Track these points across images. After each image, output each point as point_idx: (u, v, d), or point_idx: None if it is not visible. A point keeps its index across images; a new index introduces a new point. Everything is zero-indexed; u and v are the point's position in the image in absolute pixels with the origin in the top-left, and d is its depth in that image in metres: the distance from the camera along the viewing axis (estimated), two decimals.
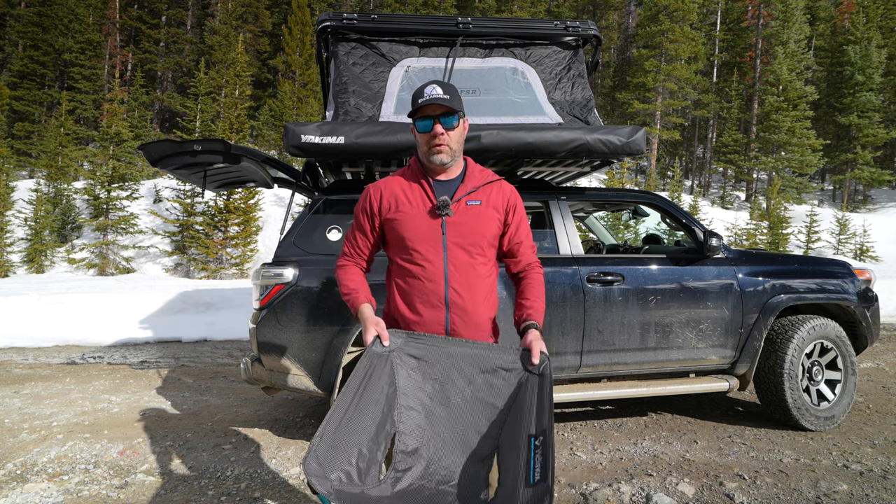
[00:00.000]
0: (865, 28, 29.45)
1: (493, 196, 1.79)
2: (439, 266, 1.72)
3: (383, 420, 1.61)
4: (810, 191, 27.15)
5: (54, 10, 26.38)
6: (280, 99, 23.40)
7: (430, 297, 1.72)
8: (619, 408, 4.21)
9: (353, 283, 1.80)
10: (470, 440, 1.65)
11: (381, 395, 1.61)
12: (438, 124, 1.70)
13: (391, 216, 1.76)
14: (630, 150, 3.38)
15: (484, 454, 1.64)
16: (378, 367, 1.61)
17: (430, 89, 1.70)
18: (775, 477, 2.97)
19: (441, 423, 1.66)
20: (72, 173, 19.77)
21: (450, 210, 1.72)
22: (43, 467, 3.07)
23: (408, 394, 1.66)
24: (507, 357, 1.66)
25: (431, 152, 1.72)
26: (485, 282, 1.78)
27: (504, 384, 1.66)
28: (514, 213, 1.83)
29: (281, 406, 4.30)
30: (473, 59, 3.70)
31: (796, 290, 3.73)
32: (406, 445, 1.63)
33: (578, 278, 3.44)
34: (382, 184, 1.82)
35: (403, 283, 1.76)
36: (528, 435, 1.52)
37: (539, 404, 1.57)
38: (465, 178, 1.79)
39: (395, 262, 1.80)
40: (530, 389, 1.61)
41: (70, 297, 7.84)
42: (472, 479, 1.61)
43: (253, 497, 2.75)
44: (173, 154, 3.29)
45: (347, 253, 1.87)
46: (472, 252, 1.74)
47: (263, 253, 15.40)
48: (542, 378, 1.61)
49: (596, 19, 34.63)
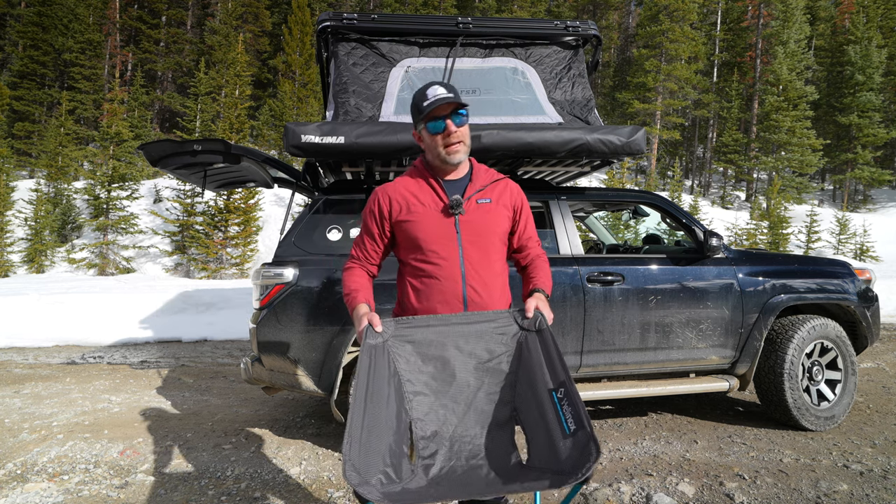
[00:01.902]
0: (866, 28, 29.44)
1: (502, 194, 1.82)
2: (456, 265, 1.73)
3: (399, 412, 1.62)
4: (810, 191, 27.15)
5: (54, 10, 26.37)
6: (280, 99, 23.39)
7: (448, 296, 1.73)
8: (619, 408, 4.21)
9: (354, 284, 1.80)
10: (485, 410, 1.66)
11: (389, 387, 1.62)
12: (451, 122, 1.70)
13: (403, 218, 1.77)
14: (630, 150, 3.38)
15: (503, 420, 1.66)
16: (378, 359, 1.61)
17: (432, 91, 1.70)
18: (775, 477, 2.97)
19: (452, 400, 1.67)
20: (72, 173, 19.77)
21: (462, 209, 1.73)
22: (43, 467, 3.07)
23: (412, 380, 1.67)
24: (500, 321, 1.68)
25: (448, 152, 1.73)
26: (499, 278, 1.80)
27: (504, 348, 1.68)
28: (522, 210, 1.87)
29: (281, 406, 4.30)
30: (473, 59, 3.70)
31: (796, 290, 3.73)
32: (425, 431, 1.64)
33: (578, 278, 3.44)
34: (390, 187, 1.82)
35: (419, 284, 1.76)
36: (549, 390, 1.54)
37: (548, 358, 1.58)
38: (472, 177, 1.81)
39: (408, 264, 1.80)
40: (534, 347, 1.63)
41: (70, 297, 7.84)
42: (499, 446, 1.63)
43: (253, 497, 2.75)
44: (173, 154, 3.29)
45: (355, 256, 1.87)
46: (487, 249, 1.76)
47: (263, 253, 15.40)
48: (542, 333, 1.63)
49: (596, 19, 34.64)
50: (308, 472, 3.06)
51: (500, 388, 1.67)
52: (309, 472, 3.06)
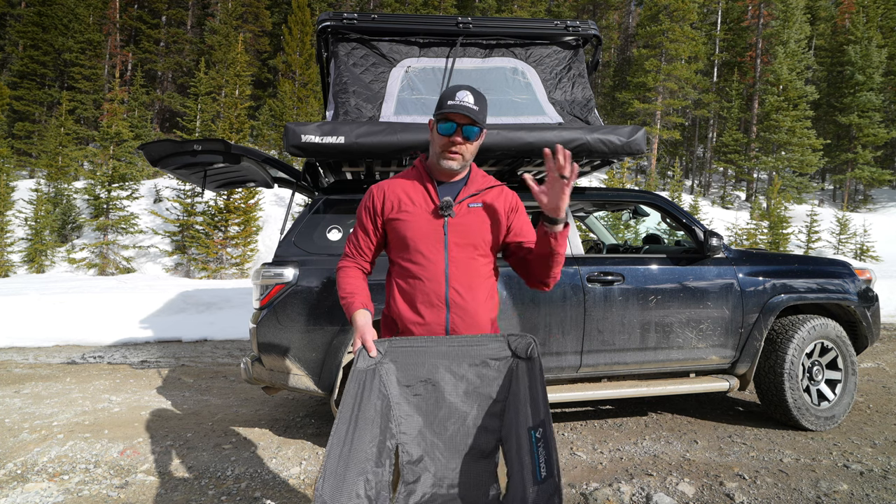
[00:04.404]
0: (866, 28, 29.43)
1: (495, 200, 1.80)
2: (440, 266, 1.72)
3: (382, 438, 1.58)
4: (811, 190, 27.14)
5: (54, 10, 26.35)
6: (280, 99, 23.38)
7: (431, 297, 1.71)
8: (619, 408, 4.21)
9: (350, 287, 1.79)
10: (471, 437, 1.63)
11: (375, 413, 1.58)
12: (460, 133, 1.69)
13: (394, 216, 1.76)
14: (630, 150, 3.38)
15: (488, 450, 1.63)
16: (367, 384, 1.58)
17: (462, 94, 1.68)
18: (775, 477, 2.97)
19: (441, 425, 1.64)
20: (72, 173, 19.76)
21: (452, 211, 1.72)
22: (43, 467, 3.07)
23: (401, 402, 1.64)
24: (494, 345, 1.65)
25: (444, 156, 1.72)
26: (486, 282, 1.78)
27: (496, 374, 1.64)
28: (517, 215, 1.83)
29: (281, 406, 4.30)
30: (473, 58, 3.70)
31: (797, 290, 3.73)
32: (411, 455, 1.62)
33: (578, 278, 3.44)
34: (385, 184, 1.82)
35: (405, 284, 1.76)
36: (528, 428, 1.51)
37: (533, 392, 1.55)
38: (468, 181, 1.80)
39: (396, 263, 1.80)
40: (521, 377, 1.60)
41: (70, 297, 7.84)
42: (480, 478, 1.60)
43: (253, 497, 2.75)
44: (173, 154, 3.29)
45: (349, 254, 1.86)
46: (474, 253, 1.75)
47: (263, 253, 15.40)
48: (531, 362, 1.59)
49: (596, 19, 34.64)
50: (308, 471, 3.06)
51: (490, 416, 1.64)
52: (309, 471, 3.06)
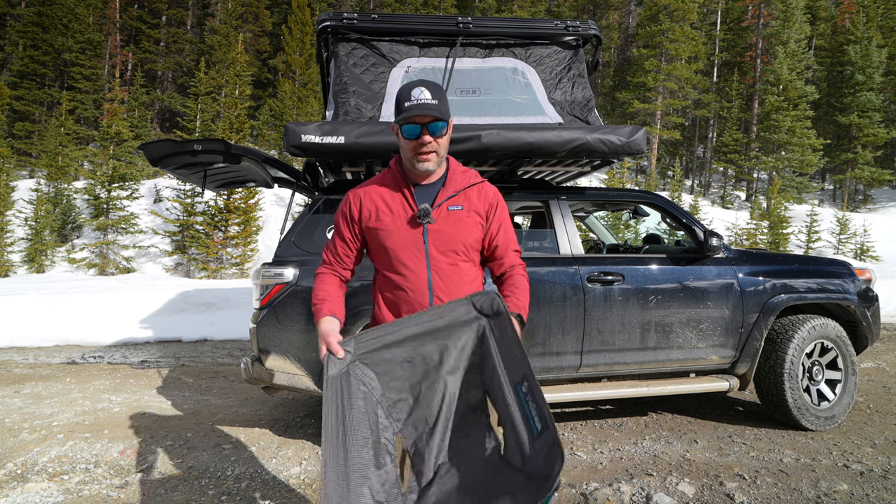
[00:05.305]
0: (866, 28, 29.44)
1: (475, 199, 1.76)
2: (423, 276, 1.69)
3: (376, 438, 1.55)
4: (811, 190, 27.15)
5: (54, 10, 26.35)
6: (280, 99, 23.39)
7: (415, 308, 1.69)
8: (619, 408, 4.21)
9: (322, 293, 1.74)
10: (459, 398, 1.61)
11: (361, 414, 1.55)
12: (427, 132, 1.64)
13: (372, 225, 1.73)
14: (630, 150, 3.38)
15: (475, 403, 1.61)
16: (343, 389, 1.54)
17: (417, 92, 1.62)
18: (775, 477, 2.97)
19: (427, 399, 1.61)
20: (72, 173, 19.77)
21: (431, 218, 1.68)
22: (43, 467, 3.07)
23: (386, 391, 1.61)
24: (460, 309, 1.61)
25: (417, 160, 1.67)
26: (471, 286, 1.75)
27: (468, 336, 1.61)
28: (495, 214, 1.78)
29: (281, 406, 4.30)
30: (473, 59, 3.70)
31: (797, 290, 3.73)
32: (411, 437, 1.60)
33: (578, 278, 3.44)
34: (362, 190, 1.78)
35: (390, 295, 1.73)
36: (514, 384, 1.49)
37: (507, 346, 1.52)
38: (446, 181, 1.75)
39: (380, 273, 1.77)
40: (493, 334, 1.57)
41: (70, 297, 7.84)
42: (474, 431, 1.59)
43: (253, 497, 2.75)
44: (173, 154, 3.29)
45: (326, 261, 1.82)
46: (456, 258, 1.71)
47: (263, 253, 15.41)
48: (499, 317, 1.55)
49: (596, 19, 34.64)
50: (308, 471, 3.06)
51: (470, 372, 1.61)
52: (309, 471, 3.06)
